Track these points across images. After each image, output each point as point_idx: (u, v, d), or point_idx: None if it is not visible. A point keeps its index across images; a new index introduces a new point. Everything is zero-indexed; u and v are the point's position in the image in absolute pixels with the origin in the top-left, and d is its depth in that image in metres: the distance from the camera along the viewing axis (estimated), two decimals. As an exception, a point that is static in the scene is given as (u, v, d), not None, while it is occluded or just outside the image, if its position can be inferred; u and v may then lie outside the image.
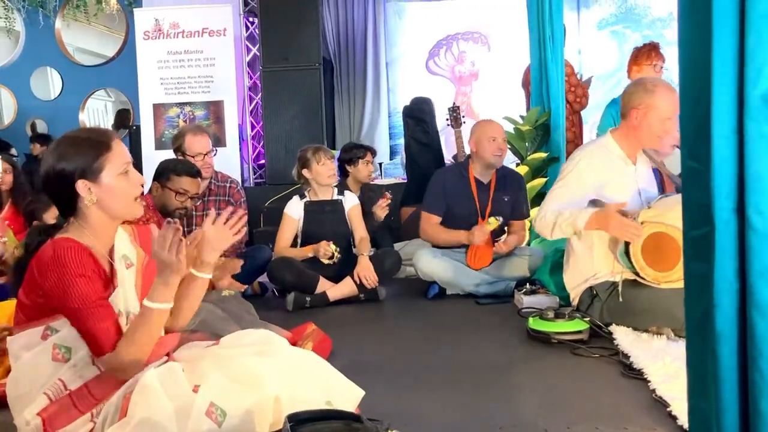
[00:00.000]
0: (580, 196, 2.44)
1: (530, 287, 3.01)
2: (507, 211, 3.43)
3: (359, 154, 3.92)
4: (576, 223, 2.38)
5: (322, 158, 3.33)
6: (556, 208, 2.46)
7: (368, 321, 2.93)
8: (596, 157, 2.50)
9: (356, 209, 3.46)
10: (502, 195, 3.40)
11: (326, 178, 3.35)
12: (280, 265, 3.19)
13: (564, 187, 2.48)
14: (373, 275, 3.17)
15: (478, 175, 3.41)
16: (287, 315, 3.04)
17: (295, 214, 3.40)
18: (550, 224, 2.45)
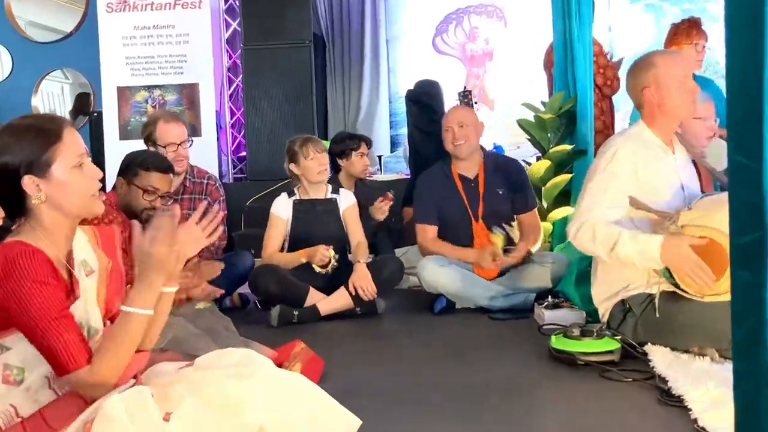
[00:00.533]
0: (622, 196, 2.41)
1: (553, 300, 3.02)
2: (505, 206, 3.44)
3: (352, 145, 3.93)
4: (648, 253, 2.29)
5: (311, 152, 3.35)
6: (598, 217, 2.41)
7: (365, 338, 2.95)
8: (633, 147, 2.49)
9: (353, 209, 3.48)
10: (494, 188, 3.42)
11: (316, 175, 3.36)
12: (263, 273, 3.20)
13: (601, 186, 2.45)
14: (371, 285, 3.18)
15: (462, 171, 3.45)
16: (272, 331, 3.06)
17: (284, 213, 3.42)
18: (588, 238, 2.40)
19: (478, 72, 7.24)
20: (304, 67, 5.45)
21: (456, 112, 3.50)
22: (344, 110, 7.32)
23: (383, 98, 7.30)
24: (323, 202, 3.46)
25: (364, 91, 7.26)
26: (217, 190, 3.48)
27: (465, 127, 3.40)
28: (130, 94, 5.42)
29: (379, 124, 7.23)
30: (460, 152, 3.40)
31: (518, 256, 3.30)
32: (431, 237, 3.44)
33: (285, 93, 5.45)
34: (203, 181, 3.47)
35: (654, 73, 2.48)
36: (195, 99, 5.39)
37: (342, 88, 7.33)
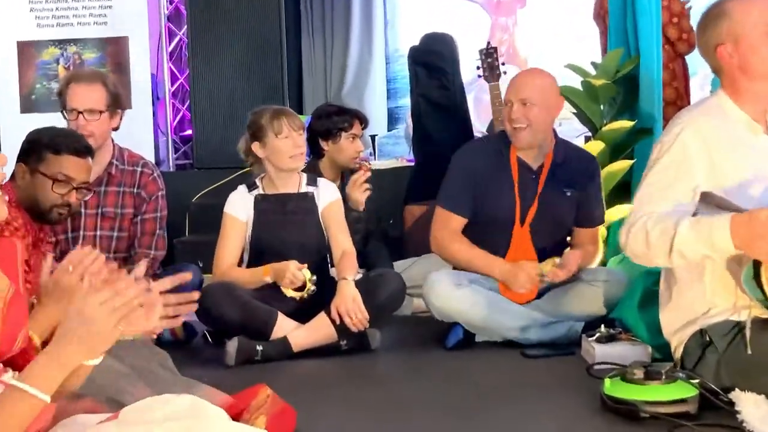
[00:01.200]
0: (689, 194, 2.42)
1: (607, 331, 3.02)
2: (567, 215, 3.45)
3: (341, 123, 3.94)
4: (711, 240, 2.25)
5: (285, 128, 3.35)
6: (654, 214, 2.41)
7: (354, 383, 2.93)
8: (706, 125, 2.49)
9: (336, 208, 3.47)
10: (559, 188, 3.42)
11: (288, 160, 3.36)
12: (215, 294, 3.19)
13: (660, 180, 2.46)
14: (361, 311, 3.18)
15: (524, 156, 3.42)
16: (227, 373, 3.04)
17: (242, 213, 3.41)
18: (640, 243, 2.40)
19: (506, 23, 7.24)
20: (270, 17, 5.45)
21: (522, 80, 3.42)
22: (326, 75, 7.31)
23: (378, 58, 7.30)
24: (296, 197, 3.44)
25: (352, 49, 7.25)
26: (154, 182, 3.47)
27: (531, 105, 3.32)
28: (35, 52, 5.40)
29: (373, 94, 7.24)
30: (517, 140, 3.36)
31: (564, 273, 3.28)
32: (452, 229, 3.41)
33: (245, 51, 5.44)
34: (135, 169, 3.46)
35: (728, 25, 2.46)
36: (123, 59, 5.38)
37: (322, 44, 7.32)
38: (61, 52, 5.41)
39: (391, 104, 7.40)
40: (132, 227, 3.42)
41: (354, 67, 7.24)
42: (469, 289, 3.27)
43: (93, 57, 5.42)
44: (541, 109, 3.33)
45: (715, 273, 2.45)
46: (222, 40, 5.45)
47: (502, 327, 3.26)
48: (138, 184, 3.43)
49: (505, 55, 7.06)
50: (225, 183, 5.01)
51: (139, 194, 3.41)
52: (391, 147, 6.80)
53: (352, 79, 7.23)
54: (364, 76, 7.23)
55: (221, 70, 5.46)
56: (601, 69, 4.01)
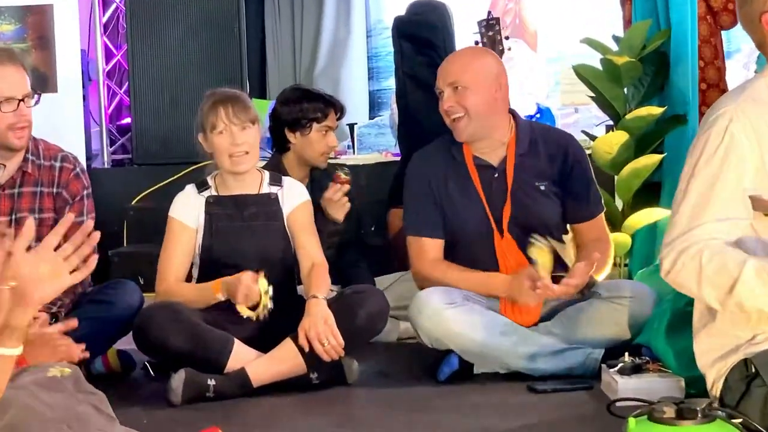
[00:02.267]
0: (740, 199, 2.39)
1: (631, 360, 3.02)
2: (549, 210, 3.46)
3: (313, 112, 3.95)
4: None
5: (220, 121, 3.34)
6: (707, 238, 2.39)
7: (327, 424, 2.93)
8: (755, 114, 2.47)
9: (304, 212, 3.48)
10: (531, 181, 3.44)
11: (227, 161, 3.36)
12: (158, 317, 3.20)
13: (706, 184, 2.43)
14: (334, 335, 3.17)
15: (480, 153, 3.45)
16: (172, 413, 3.03)
17: (190, 218, 3.42)
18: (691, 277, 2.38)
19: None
20: (227, -22, 5.48)
21: (451, 63, 3.47)
22: (294, 51, 7.33)
23: (357, 31, 7.32)
24: (255, 199, 3.44)
25: (325, 20, 7.26)
26: (77, 179, 3.45)
27: (463, 89, 3.36)
28: (-62, 23, 5.41)
29: (351, 75, 7.25)
30: (456, 133, 3.40)
31: (575, 286, 3.27)
32: (433, 257, 3.43)
33: (195, 23, 5.47)
34: (54, 164, 3.44)
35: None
36: (47, 32, 5.38)
37: (290, 14, 7.33)
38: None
39: (373, 87, 7.42)
40: None
41: (328, 43, 7.26)
42: (465, 308, 3.28)
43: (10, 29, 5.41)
44: (475, 91, 3.37)
45: None
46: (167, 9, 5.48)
47: (505, 355, 3.25)
48: (58, 183, 3.42)
49: (510, 27, 7.09)
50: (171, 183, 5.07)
51: (59, 194, 3.40)
52: (373, 138, 6.83)
53: (326, 56, 7.26)
54: (340, 53, 7.25)
55: (166, 45, 5.49)
56: (625, 44, 4.02)
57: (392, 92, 5.88)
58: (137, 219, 5.14)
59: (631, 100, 4.06)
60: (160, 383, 3.23)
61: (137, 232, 5.13)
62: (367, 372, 3.33)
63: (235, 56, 5.48)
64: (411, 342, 3.62)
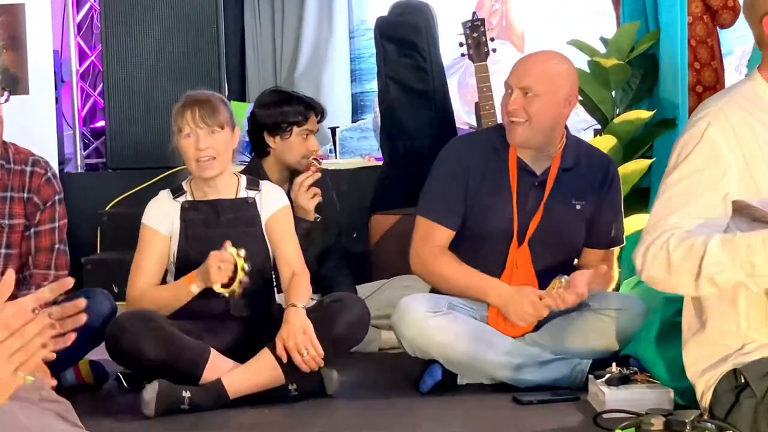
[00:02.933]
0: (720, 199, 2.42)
1: (619, 371, 3.02)
2: (577, 232, 3.46)
3: (294, 116, 3.93)
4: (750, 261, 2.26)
5: (186, 125, 3.34)
6: (668, 226, 2.42)
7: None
8: (738, 117, 2.48)
9: (283, 217, 3.48)
10: (567, 198, 3.42)
11: (196, 167, 3.36)
12: (131, 326, 3.19)
13: (683, 185, 2.46)
14: (314, 345, 3.16)
15: (526, 157, 3.42)
16: (146, 425, 3.03)
17: (164, 225, 3.41)
18: (661, 267, 2.40)
19: (498, -11, 7.28)
20: (205, -23, 5.48)
21: (528, 64, 3.41)
22: (274, 53, 7.36)
23: (340, 32, 7.33)
24: (232, 204, 3.43)
25: (307, 22, 7.28)
26: (48, 184, 3.43)
27: (534, 96, 3.29)
28: None
29: (333, 76, 7.27)
30: (512, 135, 3.34)
31: (572, 297, 3.24)
32: (438, 245, 3.39)
33: (172, 24, 5.45)
34: (24, 168, 3.41)
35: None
36: (18, 31, 5.36)
37: (270, 14, 7.35)
38: (-62, 22, 5.40)
39: (356, 89, 7.44)
40: (23, 242, 3.39)
41: (310, 44, 7.27)
42: (450, 317, 3.27)
43: (-21, 29, 5.41)
44: (546, 102, 3.31)
45: (752, 299, 2.44)
46: (143, 9, 5.44)
47: (490, 365, 3.25)
48: (29, 188, 3.40)
49: (496, 28, 7.13)
50: (145, 188, 5.04)
51: (30, 200, 3.38)
52: (355, 142, 6.85)
53: (308, 58, 7.27)
54: (322, 55, 7.26)
55: (142, 47, 5.45)
56: (613, 46, 4.04)
57: (375, 95, 5.94)
58: (111, 225, 5.12)
59: (619, 104, 4.08)
60: (134, 395, 3.22)
61: (111, 239, 5.12)
62: (347, 383, 3.33)
63: (213, 58, 5.46)
64: (393, 352, 3.64)
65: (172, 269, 3.41)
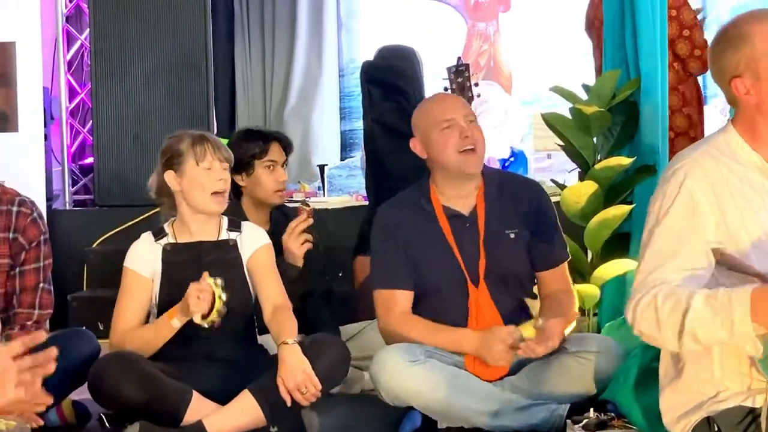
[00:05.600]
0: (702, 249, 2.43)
1: (596, 416, 3.03)
2: (519, 258, 3.47)
3: (252, 149, 3.92)
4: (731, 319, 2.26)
5: (209, 155, 3.36)
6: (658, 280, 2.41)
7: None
8: (713, 169, 2.51)
9: (264, 255, 3.49)
10: (502, 229, 3.45)
11: (209, 199, 3.36)
12: (113, 367, 3.19)
13: (666, 240, 2.47)
14: (313, 383, 3.15)
15: (449, 202, 3.47)
16: (126, 468, 3.02)
17: (146, 268, 3.42)
18: (650, 322, 2.38)
19: (485, 30, 7.34)
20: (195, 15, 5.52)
21: (453, 99, 3.54)
22: (264, 91, 7.37)
23: (329, 70, 7.37)
24: (214, 246, 3.44)
25: (297, 57, 7.31)
26: (34, 224, 3.45)
27: (473, 123, 3.40)
28: None
29: (322, 114, 7.30)
30: (471, 166, 3.39)
31: (543, 348, 3.23)
32: (401, 310, 3.41)
33: (162, 60, 5.49)
34: (11, 208, 3.43)
35: (748, 54, 2.46)
36: (8, 69, 5.39)
37: (260, 51, 7.38)
38: (-71, 61, 5.39)
39: (345, 126, 7.47)
40: (9, 281, 3.40)
41: (299, 81, 7.30)
42: (427, 366, 3.25)
43: (-31, 67, 5.40)
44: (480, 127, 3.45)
45: (726, 349, 2.45)
46: (133, 46, 5.50)
47: (468, 412, 3.22)
48: (14, 228, 3.41)
49: (484, 69, 7.16)
50: (133, 225, 5.06)
51: (16, 240, 3.39)
52: (344, 180, 6.85)
53: (297, 96, 7.29)
54: (311, 92, 7.30)
55: (131, 84, 5.50)
56: (594, 93, 4.05)
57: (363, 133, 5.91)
58: (98, 262, 5.12)
59: (600, 150, 4.08)
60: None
61: (97, 276, 5.11)
62: (327, 425, 3.32)
63: (202, 96, 5.50)
64: (375, 394, 3.52)
65: (155, 311, 3.40)
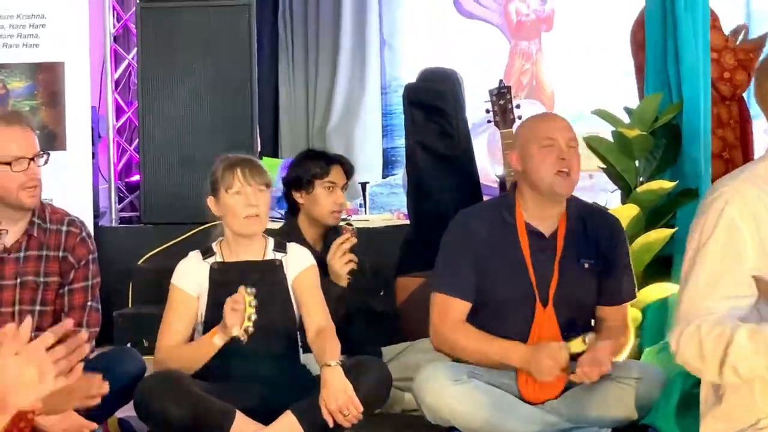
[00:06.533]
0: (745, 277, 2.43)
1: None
2: (589, 291, 3.46)
3: (315, 169, 3.97)
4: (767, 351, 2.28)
5: (237, 181, 3.39)
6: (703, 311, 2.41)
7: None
8: (753, 196, 2.49)
9: (309, 276, 3.50)
10: (578, 257, 3.44)
11: (241, 222, 3.39)
12: (158, 386, 3.22)
13: (708, 269, 2.46)
14: (355, 405, 3.16)
15: (533, 220, 3.45)
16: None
17: (193, 286, 3.44)
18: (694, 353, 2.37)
19: (528, 49, 7.33)
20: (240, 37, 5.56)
21: (562, 120, 3.52)
22: (307, 108, 7.40)
23: (372, 88, 7.41)
24: (260, 266, 3.46)
25: (340, 78, 7.35)
26: (83, 244, 3.49)
27: (574, 149, 3.38)
28: (-50, 79, 5.46)
29: (365, 132, 7.33)
30: (563, 187, 3.35)
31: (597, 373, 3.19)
32: (456, 319, 3.40)
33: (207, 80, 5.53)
34: (60, 228, 3.48)
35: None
36: (58, 88, 5.42)
37: (304, 70, 7.42)
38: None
39: (388, 144, 7.49)
40: (58, 299, 3.44)
41: (342, 99, 7.34)
42: (470, 386, 3.26)
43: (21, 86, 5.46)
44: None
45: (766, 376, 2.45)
46: (179, 66, 5.54)
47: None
48: (64, 247, 3.45)
49: (526, 88, 7.15)
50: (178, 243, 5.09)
51: (65, 258, 3.43)
52: (385, 198, 6.85)
53: (340, 113, 7.32)
54: (354, 110, 7.33)
55: (177, 103, 5.54)
56: (636, 117, 4.04)
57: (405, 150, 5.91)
58: (144, 279, 5.15)
59: (642, 173, 4.07)
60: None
61: (143, 293, 5.13)
62: (369, 446, 3.31)
63: (247, 115, 5.51)
64: (416, 414, 3.54)
65: (200, 329, 3.42)
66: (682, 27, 4.02)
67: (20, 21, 5.44)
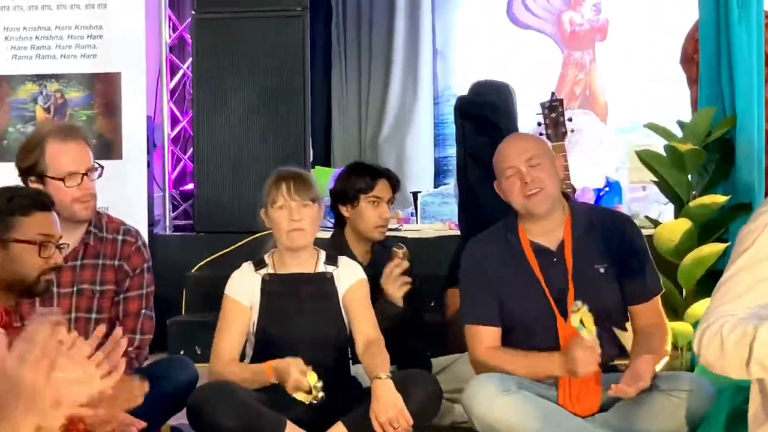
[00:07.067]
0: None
1: (688, 456, 3.01)
2: (611, 295, 3.45)
3: (359, 183, 3.98)
4: None
5: (280, 196, 3.42)
6: (726, 312, 2.44)
7: None
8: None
9: (360, 290, 3.52)
10: (591, 264, 3.44)
11: (285, 236, 3.42)
12: (213, 396, 3.24)
13: (744, 273, 2.44)
14: (406, 419, 3.19)
15: (536, 237, 3.47)
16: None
17: (245, 297, 3.47)
18: (714, 351, 2.43)
19: (581, 59, 7.32)
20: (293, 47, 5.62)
21: (517, 143, 3.53)
22: (360, 118, 7.43)
23: (424, 97, 7.41)
24: (312, 279, 3.49)
25: (392, 87, 7.37)
26: (138, 253, 3.54)
27: (537, 164, 3.40)
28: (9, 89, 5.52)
29: (417, 141, 7.34)
30: (536, 207, 3.41)
31: (634, 389, 3.18)
32: (489, 345, 3.44)
33: (261, 90, 5.58)
34: (116, 237, 3.52)
35: None
36: (114, 98, 5.47)
37: (357, 80, 7.45)
38: (40, 90, 5.51)
39: (440, 153, 7.49)
40: (113, 307, 3.49)
41: (394, 109, 7.36)
42: (519, 397, 3.25)
43: (78, 96, 5.51)
44: (547, 164, 3.43)
45: None
46: (234, 76, 5.59)
47: (562, 444, 3.24)
48: (120, 256, 3.49)
49: (580, 98, 7.14)
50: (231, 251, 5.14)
51: (121, 267, 3.48)
52: (437, 207, 6.79)
53: (392, 123, 7.35)
54: (406, 120, 7.35)
55: (231, 112, 5.60)
56: (689, 131, 4.01)
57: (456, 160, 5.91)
58: (197, 287, 5.20)
59: (695, 187, 4.04)
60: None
61: (196, 301, 5.18)
62: (420, 457, 3.31)
63: (299, 126, 5.56)
64: (466, 426, 3.55)
65: (252, 339, 3.45)
66: (735, 40, 4.00)
67: (78, 32, 5.51)
